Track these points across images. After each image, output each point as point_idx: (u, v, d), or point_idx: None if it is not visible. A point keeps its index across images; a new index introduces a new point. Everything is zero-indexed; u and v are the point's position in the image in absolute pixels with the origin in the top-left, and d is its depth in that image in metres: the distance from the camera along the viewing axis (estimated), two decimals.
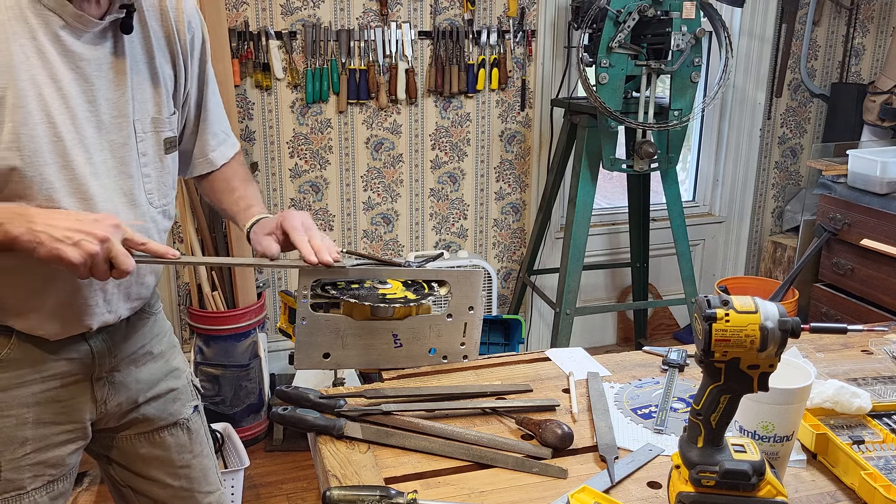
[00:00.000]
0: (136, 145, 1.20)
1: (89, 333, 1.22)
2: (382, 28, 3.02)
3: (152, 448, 1.37)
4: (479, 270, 1.43)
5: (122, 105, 1.16)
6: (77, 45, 1.10)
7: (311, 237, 1.22)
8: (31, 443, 1.21)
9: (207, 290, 2.70)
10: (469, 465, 1.10)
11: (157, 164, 1.24)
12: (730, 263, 3.91)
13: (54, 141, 1.09)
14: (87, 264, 1.02)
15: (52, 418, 1.23)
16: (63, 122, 1.09)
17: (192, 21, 1.28)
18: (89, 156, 1.13)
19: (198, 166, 1.41)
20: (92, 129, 1.13)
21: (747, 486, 0.89)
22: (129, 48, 1.17)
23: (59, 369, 1.21)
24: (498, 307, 3.40)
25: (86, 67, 1.11)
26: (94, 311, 1.19)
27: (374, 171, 3.22)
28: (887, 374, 1.38)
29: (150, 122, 1.21)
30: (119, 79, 1.16)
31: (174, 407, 1.38)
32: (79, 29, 1.09)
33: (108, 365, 1.27)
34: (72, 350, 1.22)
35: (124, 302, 1.24)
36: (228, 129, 1.44)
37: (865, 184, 2.99)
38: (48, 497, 1.24)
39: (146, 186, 1.23)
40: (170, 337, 1.42)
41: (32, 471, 1.21)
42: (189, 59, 1.28)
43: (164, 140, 1.24)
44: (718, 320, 0.87)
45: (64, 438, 1.25)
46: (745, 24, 3.56)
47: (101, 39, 1.13)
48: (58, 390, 1.22)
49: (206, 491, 1.44)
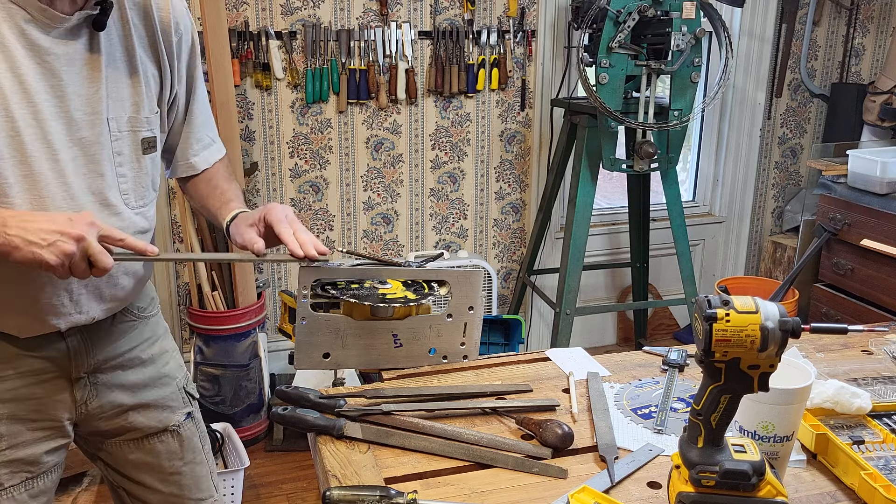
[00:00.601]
0: (111, 144, 1.17)
1: (67, 332, 1.21)
2: (382, 28, 3.02)
3: (142, 454, 1.36)
4: (479, 270, 1.43)
5: (96, 102, 1.14)
6: (44, 39, 1.08)
7: (296, 230, 1.21)
8: (6, 439, 1.20)
9: (207, 290, 2.70)
10: (469, 465, 1.10)
11: (133, 164, 1.21)
12: (730, 263, 3.91)
13: (11, 136, 1.07)
14: (65, 265, 1.01)
15: (27, 415, 1.21)
16: (22, 116, 1.07)
17: (181, 22, 1.26)
18: (53, 152, 1.11)
19: (180, 168, 1.39)
20: (59, 124, 1.11)
21: (747, 487, 0.89)
22: (107, 45, 1.15)
23: (34, 366, 1.20)
24: (498, 307, 3.40)
25: (53, 62, 1.09)
26: (60, 310, 1.17)
27: (374, 171, 3.22)
28: (887, 375, 1.38)
29: (127, 121, 1.19)
30: (93, 75, 1.13)
31: (164, 414, 1.37)
32: (45, 24, 1.07)
33: (86, 365, 1.25)
34: (47, 348, 1.20)
35: (96, 303, 1.22)
36: (215, 134, 1.42)
37: (865, 184, 2.99)
38: (27, 495, 1.23)
39: (121, 186, 1.20)
40: (162, 342, 1.40)
41: (8, 467, 1.20)
42: (175, 60, 1.26)
43: (142, 140, 1.22)
44: (719, 320, 0.87)
45: (39, 436, 1.23)
46: (745, 24, 3.56)
47: (74, 35, 1.11)
48: (32, 387, 1.21)
49: (197, 497, 1.42)
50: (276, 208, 1.23)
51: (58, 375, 1.23)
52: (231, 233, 1.28)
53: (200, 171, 1.40)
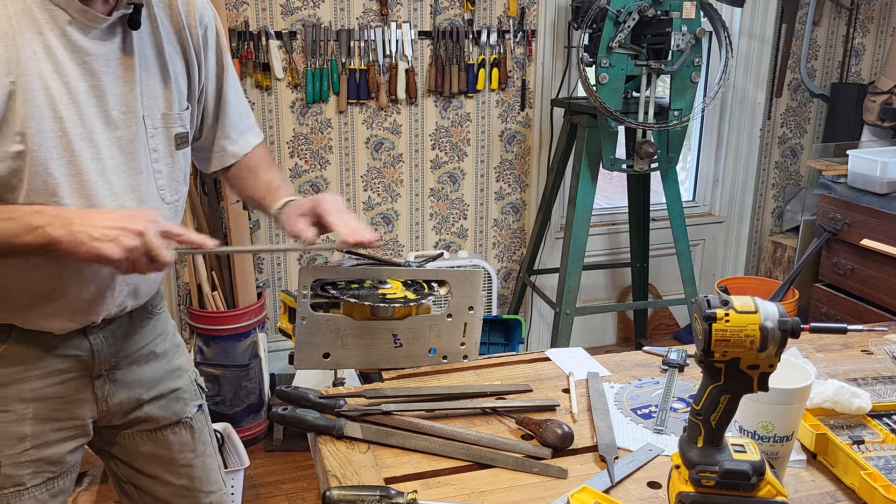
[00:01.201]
0: (147, 141, 1.20)
1: (90, 329, 1.23)
2: (382, 28, 3.02)
3: (155, 446, 1.37)
4: (479, 270, 1.43)
5: (131, 101, 1.16)
6: (84, 40, 1.10)
7: (347, 220, 1.23)
8: (31, 439, 1.21)
9: (207, 290, 2.70)
10: (469, 465, 1.10)
11: (168, 159, 1.24)
12: (730, 263, 3.91)
13: (60, 136, 1.09)
14: (128, 259, 1.03)
15: (52, 415, 1.23)
16: (69, 116, 1.09)
17: (205, 14, 1.27)
18: (97, 151, 1.13)
19: (221, 158, 1.40)
20: (100, 124, 1.13)
21: (747, 486, 0.89)
22: (139, 44, 1.17)
23: (59, 365, 1.21)
24: (498, 307, 3.40)
25: (93, 63, 1.11)
26: (101, 306, 1.21)
27: (374, 171, 3.22)
28: (887, 374, 1.38)
29: (161, 118, 1.21)
30: (128, 74, 1.16)
31: (177, 406, 1.38)
32: (86, 25, 1.09)
33: (108, 363, 1.27)
34: (72, 346, 1.22)
35: (132, 297, 1.26)
36: (252, 120, 1.43)
37: (865, 184, 2.99)
38: (48, 494, 1.24)
39: (158, 182, 1.23)
40: (173, 336, 1.42)
41: (32, 467, 1.21)
42: (203, 53, 1.28)
43: (175, 136, 1.24)
44: (718, 320, 0.87)
45: (64, 435, 1.25)
46: (745, 24, 3.56)
47: (110, 35, 1.13)
48: (57, 387, 1.22)
49: (207, 490, 1.44)
50: (327, 199, 1.25)
51: (81, 374, 1.24)
52: (282, 220, 1.30)
53: (241, 158, 1.40)
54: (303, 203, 1.28)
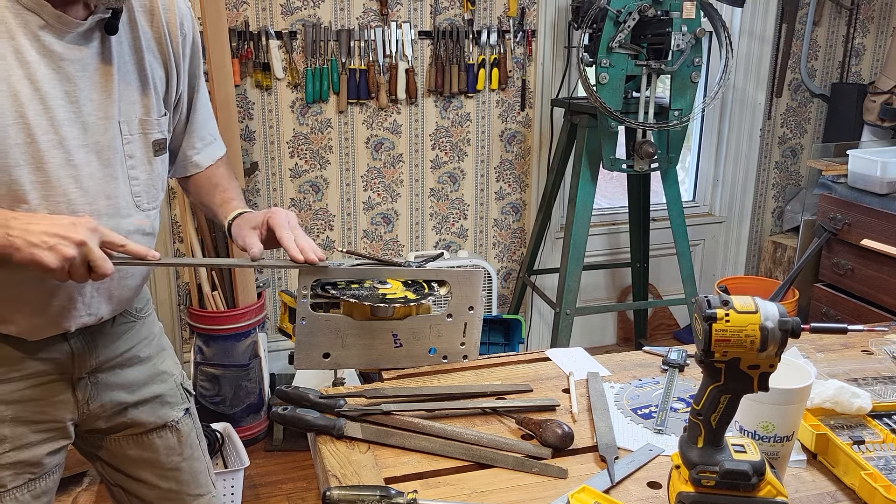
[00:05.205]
0: (123, 147, 1.18)
1: (69, 334, 1.21)
2: (382, 28, 3.02)
3: (141, 450, 1.36)
4: (479, 270, 1.43)
5: (108, 106, 1.15)
6: (59, 45, 1.08)
7: (297, 236, 1.22)
8: (10, 441, 1.20)
9: (207, 290, 2.70)
10: (469, 465, 1.10)
11: (145, 166, 1.22)
12: (730, 263, 3.91)
13: (27, 142, 1.07)
14: (65, 268, 1.02)
15: (31, 417, 1.22)
16: (38, 123, 1.08)
17: (185, 21, 1.26)
18: (69, 157, 1.11)
19: (183, 167, 1.40)
20: (74, 129, 1.12)
21: (747, 486, 0.89)
22: (117, 49, 1.16)
23: (38, 368, 1.20)
24: (498, 307, 3.40)
25: (68, 68, 1.10)
26: (72, 313, 1.18)
27: (374, 170, 3.22)
28: (887, 374, 1.38)
29: (138, 124, 1.20)
30: (104, 80, 1.14)
31: (163, 410, 1.38)
32: (60, 29, 1.08)
33: (88, 366, 1.26)
34: (51, 350, 1.21)
35: (106, 304, 1.23)
36: (216, 132, 1.43)
37: (865, 184, 2.99)
38: (30, 496, 1.24)
39: (133, 189, 1.21)
40: (159, 340, 1.41)
41: (12, 469, 1.21)
42: (181, 60, 1.27)
43: (154, 142, 1.23)
44: (718, 320, 0.87)
45: (43, 437, 1.24)
46: (745, 24, 3.56)
47: (87, 40, 1.12)
48: (36, 389, 1.21)
49: (196, 493, 1.43)
50: (279, 213, 1.24)
51: (60, 377, 1.23)
52: (233, 233, 1.29)
53: (204, 169, 1.40)
54: (255, 216, 1.27)
